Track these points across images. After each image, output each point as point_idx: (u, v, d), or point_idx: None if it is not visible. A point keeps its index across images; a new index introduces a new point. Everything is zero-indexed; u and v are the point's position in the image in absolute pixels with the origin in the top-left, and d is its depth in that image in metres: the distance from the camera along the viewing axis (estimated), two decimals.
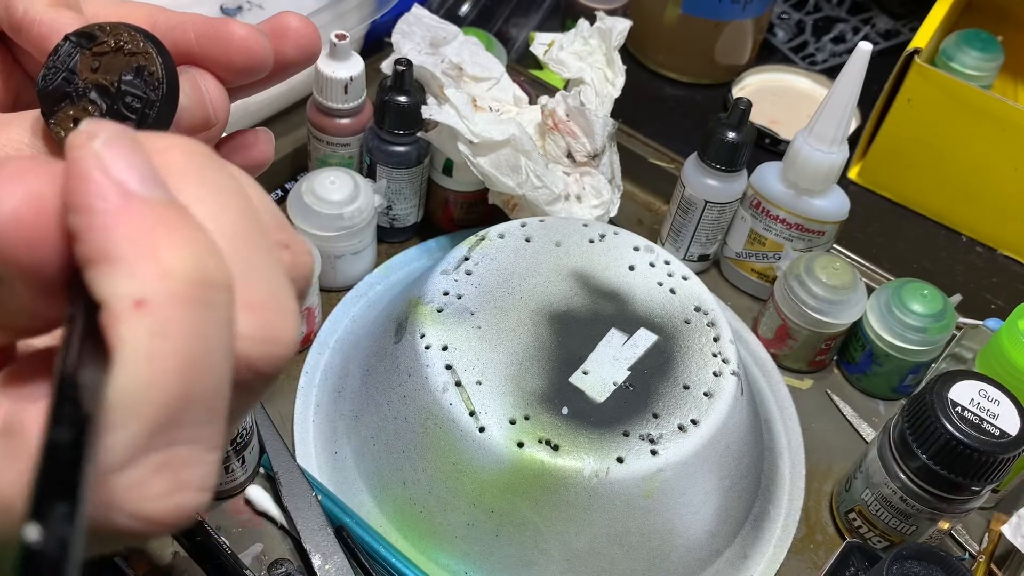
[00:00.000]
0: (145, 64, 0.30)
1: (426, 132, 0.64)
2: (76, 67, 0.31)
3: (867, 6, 1.00)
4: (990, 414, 0.50)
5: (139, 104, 0.30)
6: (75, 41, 0.30)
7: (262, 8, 0.81)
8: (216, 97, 0.33)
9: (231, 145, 0.36)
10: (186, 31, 0.33)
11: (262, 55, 0.33)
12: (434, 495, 0.51)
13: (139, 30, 0.31)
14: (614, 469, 0.48)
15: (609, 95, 0.66)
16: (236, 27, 0.33)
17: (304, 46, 0.36)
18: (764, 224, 0.67)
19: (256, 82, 0.36)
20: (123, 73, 0.30)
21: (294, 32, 0.35)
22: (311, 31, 0.36)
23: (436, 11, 0.86)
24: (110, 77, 0.30)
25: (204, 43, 0.33)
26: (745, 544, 0.56)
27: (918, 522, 0.54)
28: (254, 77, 0.34)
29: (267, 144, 0.37)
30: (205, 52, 0.33)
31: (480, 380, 0.50)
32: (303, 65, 0.36)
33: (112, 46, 0.30)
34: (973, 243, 0.80)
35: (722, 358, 0.54)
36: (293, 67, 0.36)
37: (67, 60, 0.31)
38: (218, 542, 0.52)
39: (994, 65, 0.80)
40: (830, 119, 0.62)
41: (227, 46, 0.33)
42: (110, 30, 0.30)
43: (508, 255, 0.57)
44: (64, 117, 0.30)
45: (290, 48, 0.35)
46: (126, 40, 0.30)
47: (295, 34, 0.35)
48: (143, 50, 0.30)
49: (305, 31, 0.36)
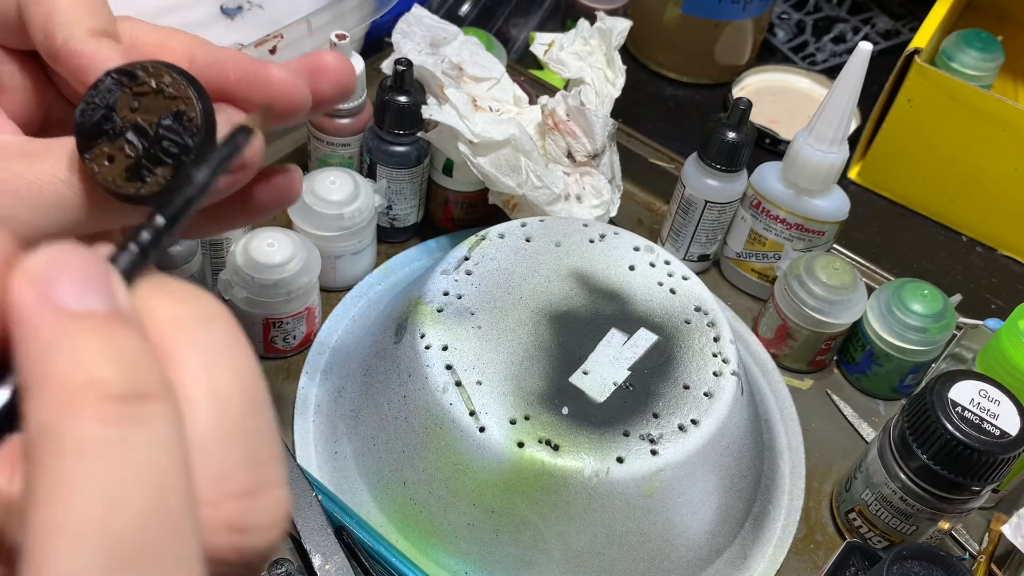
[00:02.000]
0: (185, 110, 0.30)
1: (426, 132, 0.64)
2: (116, 104, 0.30)
3: (867, 6, 1.00)
4: (990, 414, 0.50)
5: (176, 150, 0.30)
6: (116, 78, 0.30)
7: (262, 8, 0.81)
8: (253, 141, 0.33)
9: (264, 184, 0.36)
10: (225, 70, 0.33)
11: (300, 100, 0.34)
12: (434, 495, 0.51)
13: (182, 72, 0.30)
14: (614, 469, 0.48)
15: (609, 95, 0.66)
16: (275, 71, 0.33)
17: (340, 83, 0.36)
18: (764, 224, 0.67)
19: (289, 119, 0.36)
20: (162, 116, 0.30)
21: (331, 70, 0.36)
22: (347, 68, 0.36)
23: (436, 11, 0.86)
24: (149, 118, 0.30)
25: (243, 85, 0.33)
26: (745, 544, 0.56)
27: (918, 522, 0.54)
28: (291, 122, 0.34)
29: (298, 184, 0.37)
30: (244, 94, 0.33)
31: (480, 380, 0.50)
32: (338, 102, 0.37)
33: (153, 87, 0.30)
34: (973, 243, 0.80)
35: (722, 358, 0.54)
36: (328, 104, 0.36)
37: (107, 97, 0.30)
38: None
39: (994, 65, 0.80)
40: (830, 119, 0.62)
41: (266, 90, 0.33)
42: (152, 70, 0.30)
43: (508, 255, 0.57)
44: (99, 154, 0.30)
45: (326, 85, 0.36)
46: (168, 83, 0.30)
47: (332, 71, 0.36)
48: (184, 94, 0.30)
49: (341, 68, 0.36)
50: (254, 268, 0.56)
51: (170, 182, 0.30)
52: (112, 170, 0.30)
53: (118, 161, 0.30)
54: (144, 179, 0.30)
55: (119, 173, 0.30)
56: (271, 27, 0.73)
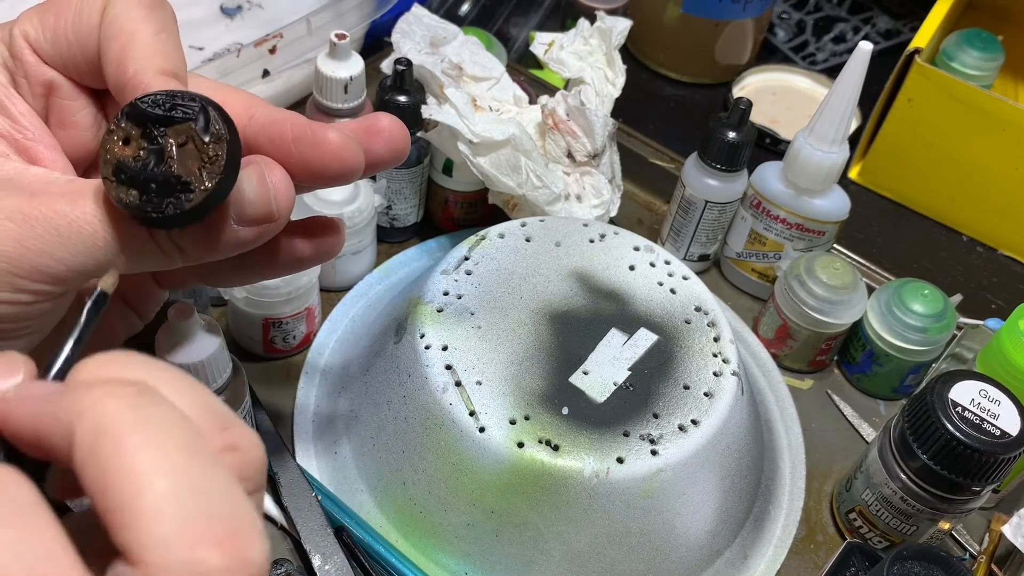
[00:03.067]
0: (214, 152, 0.30)
1: (426, 132, 0.64)
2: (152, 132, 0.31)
3: (867, 6, 1.00)
4: (990, 414, 0.50)
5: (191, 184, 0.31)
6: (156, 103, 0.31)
7: (261, 7, 0.81)
8: (281, 192, 0.33)
9: (303, 235, 0.37)
10: (284, 129, 0.34)
11: (354, 164, 0.34)
12: (434, 495, 0.51)
13: (220, 112, 0.31)
14: (614, 469, 0.48)
15: (609, 95, 0.66)
16: (331, 134, 0.34)
17: (395, 147, 0.37)
18: (764, 224, 0.67)
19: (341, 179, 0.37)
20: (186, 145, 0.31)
21: (387, 132, 0.37)
22: (402, 132, 0.37)
23: (436, 11, 0.86)
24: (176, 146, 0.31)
25: (301, 147, 0.34)
26: (745, 544, 0.56)
27: (918, 522, 0.54)
28: (344, 183, 0.35)
29: (340, 236, 0.38)
30: (301, 155, 0.34)
31: (480, 380, 0.50)
32: (392, 164, 0.37)
33: (190, 119, 0.31)
34: (973, 243, 0.80)
35: (722, 358, 0.54)
36: (382, 165, 0.37)
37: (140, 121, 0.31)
38: None
39: (994, 65, 0.80)
40: (830, 119, 0.62)
41: (322, 153, 0.34)
42: (192, 103, 0.31)
43: (508, 255, 0.57)
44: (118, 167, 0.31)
45: (380, 147, 0.37)
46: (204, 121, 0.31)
47: (387, 134, 0.37)
48: (217, 133, 0.31)
49: (397, 132, 0.37)
50: None
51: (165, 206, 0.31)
52: (120, 188, 0.31)
53: (132, 178, 0.31)
54: (149, 195, 0.30)
55: (123, 186, 0.31)
56: (271, 26, 0.74)
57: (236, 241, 0.34)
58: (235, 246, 0.34)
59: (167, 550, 0.20)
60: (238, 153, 0.31)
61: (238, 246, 0.34)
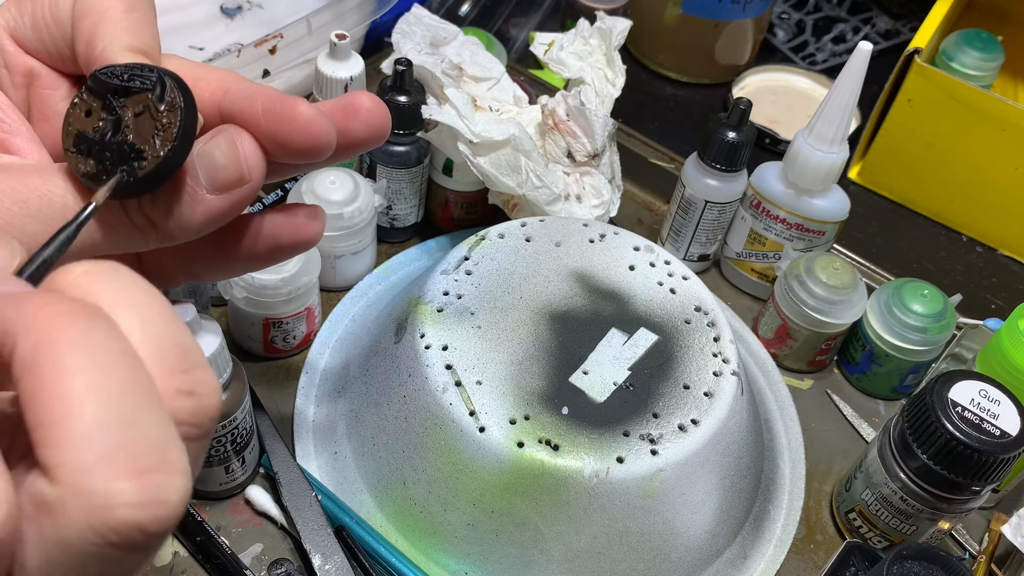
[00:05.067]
0: (168, 121, 0.31)
1: (426, 132, 0.64)
2: (110, 103, 0.31)
3: (867, 6, 1.00)
4: (990, 414, 0.50)
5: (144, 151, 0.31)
6: (112, 75, 0.32)
7: (261, 7, 0.81)
8: (251, 157, 0.33)
9: (282, 219, 0.37)
10: (255, 103, 0.34)
11: (324, 139, 0.34)
12: (434, 495, 0.51)
13: (179, 83, 0.31)
14: (614, 469, 0.48)
15: (609, 95, 0.66)
16: (302, 108, 0.33)
17: (374, 125, 0.36)
18: (764, 224, 0.67)
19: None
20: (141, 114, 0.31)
21: (365, 112, 0.36)
22: (382, 111, 0.36)
23: (436, 11, 0.86)
24: (132, 116, 0.31)
25: (269, 118, 0.34)
26: (745, 544, 0.56)
27: (918, 522, 0.54)
28: (314, 159, 0.35)
29: (319, 223, 0.37)
30: (269, 127, 0.34)
31: (480, 380, 0.50)
32: (371, 144, 0.37)
33: (148, 89, 0.31)
34: (973, 243, 0.80)
35: (722, 358, 0.54)
36: (361, 146, 0.37)
37: (101, 91, 0.32)
38: (218, 542, 0.52)
39: (994, 65, 0.80)
40: (830, 119, 0.62)
41: (290, 125, 0.33)
42: (151, 75, 0.31)
43: (508, 255, 0.57)
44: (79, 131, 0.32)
45: (359, 126, 0.36)
46: (160, 91, 0.31)
47: (366, 113, 0.36)
48: (175, 103, 0.31)
49: (376, 110, 0.36)
50: None
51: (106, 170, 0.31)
52: (79, 158, 0.32)
53: (90, 147, 0.32)
54: (104, 164, 0.31)
55: (82, 156, 0.31)
56: (271, 27, 0.74)
57: (210, 211, 0.34)
58: (210, 218, 0.34)
59: (85, 475, 0.21)
60: (193, 121, 0.32)
61: (213, 217, 0.34)
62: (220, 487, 0.54)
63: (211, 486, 0.54)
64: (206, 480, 0.53)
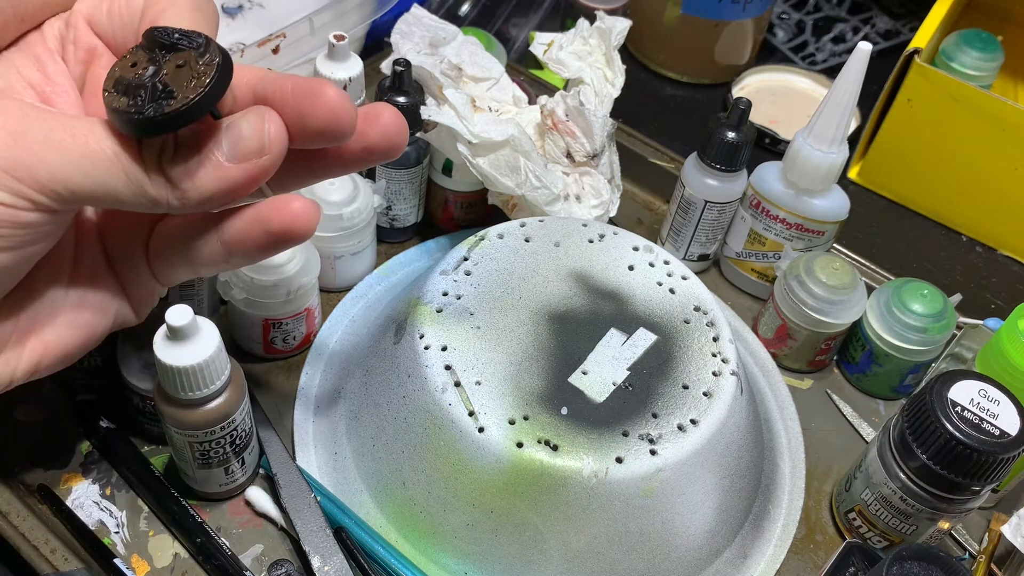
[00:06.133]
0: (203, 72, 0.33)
1: (425, 132, 0.64)
2: (157, 58, 0.34)
3: (867, 6, 1.00)
4: (990, 414, 0.50)
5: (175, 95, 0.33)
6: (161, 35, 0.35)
7: (263, 7, 0.81)
8: (274, 132, 0.36)
9: (276, 207, 0.38)
10: (286, 84, 0.36)
11: (345, 119, 0.36)
12: (434, 495, 0.51)
13: (220, 49, 0.34)
14: (613, 469, 0.48)
15: (609, 95, 0.66)
16: (329, 89, 0.36)
17: (390, 136, 0.38)
18: (764, 224, 0.67)
19: (338, 160, 0.39)
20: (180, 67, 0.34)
21: (384, 121, 0.38)
22: (400, 124, 0.38)
23: (436, 11, 0.86)
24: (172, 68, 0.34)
25: (297, 95, 0.36)
26: (745, 544, 0.56)
27: (918, 522, 0.54)
28: (333, 139, 0.36)
29: (313, 214, 0.38)
30: (296, 102, 0.36)
31: (479, 380, 0.50)
32: (385, 155, 0.39)
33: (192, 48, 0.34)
34: (973, 243, 0.80)
35: (722, 358, 0.54)
36: (375, 154, 0.38)
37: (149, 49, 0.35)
38: (218, 543, 0.52)
39: (994, 65, 0.80)
40: (830, 119, 0.62)
41: (315, 102, 0.35)
42: (199, 38, 0.34)
43: (508, 255, 0.57)
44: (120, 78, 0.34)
45: (376, 134, 0.38)
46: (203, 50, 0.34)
47: (384, 123, 0.38)
48: (212, 61, 0.34)
49: (394, 122, 0.38)
50: (254, 269, 0.56)
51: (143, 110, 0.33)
52: (114, 96, 0.34)
53: (127, 88, 0.34)
54: (135, 100, 0.33)
55: (117, 95, 0.34)
56: (272, 26, 0.74)
57: (225, 179, 0.35)
58: (224, 185, 0.36)
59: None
60: (227, 77, 0.34)
61: (226, 186, 0.36)
62: (220, 488, 0.54)
63: (211, 487, 0.54)
64: (206, 481, 0.53)
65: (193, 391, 0.47)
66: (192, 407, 0.48)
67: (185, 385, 0.46)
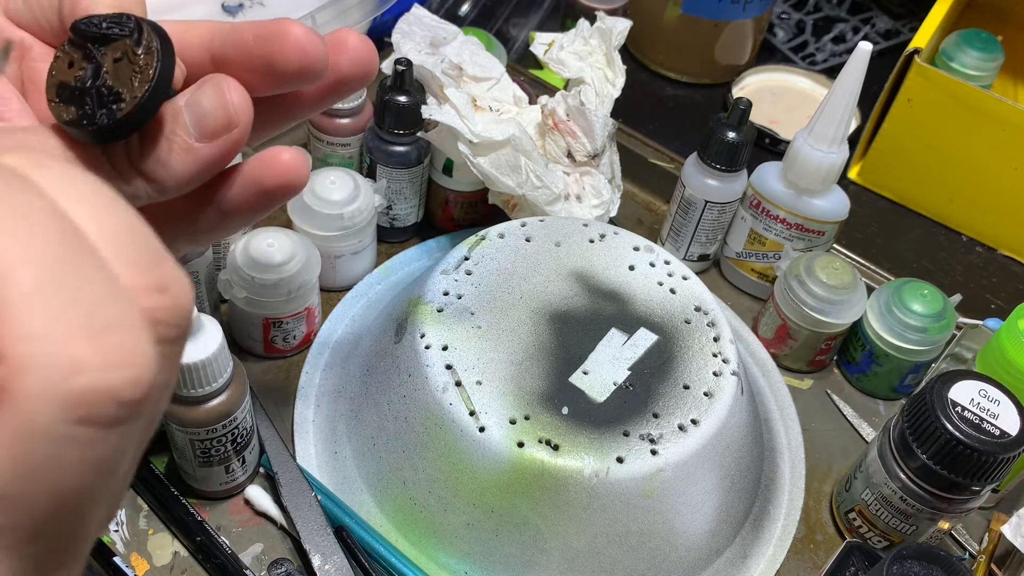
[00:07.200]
0: (144, 64, 0.31)
1: (426, 132, 0.64)
2: (92, 51, 0.32)
3: (867, 6, 1.00)
4: (990, 414, 0.50)
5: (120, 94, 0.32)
6: (92, 24, 0.32)
7: (263, 5, 0.81)
8: (238, 101, 0.33)
9: (264, 162, 0.36)
10: (244, 32, 0.34)
11: (316, 56, 0.34)
12: (434, 495, 0.51)
13: (158, 31, 0.32)
14: (614, 469, 0.48)
15: (609, 95, 0.66)
16: (293, 26, 0.33)
17: (361, 61, 0.36)
18: (764, 224, 0.67)
19: (312, 97, 0.36)
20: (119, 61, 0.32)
21: (352, 48, 0.36)
22: (368, 48, 0.36)
23: (436, 11, 0.86)
24: (110, 63, 0.32)
25: (261, 42, 0.33)
26: (745, 544, 0.56)
27: (918, 522, 0.54)
28: (309, 80, 0.34)
29: (303, 163, 0.36)
30: (261, 49, 0.34)
31: (480, 380, 0.50)
32: (358, 82, 0.36)
33: (127, 36, 0.32)
34: (973, 243, 0.80)
35: (722, 358, 0.54)
36: (348, 83, 0.36)
37: (84, 38, 0.32)
38: (218, 542, 0.52)
39: (994, 65, 0.80)
40: (830, 119, 0.62)
41: (283, 43, 0.33)
42: (132, 23, 0.32)
43: (508, 255, 0.57)
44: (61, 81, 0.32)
45: (346, 62, 0.36)
46: (138, 37, 0.31)
47: (353, 50, 0.36)
48: (151, 47, 0.31)
49: (362, 46, 0.36)
50: (254, 268, 0.56)
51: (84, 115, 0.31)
52: (61, 107, 0.32)
53: (71, 95, 0.32)
54: (84, 110, 0.32)
55: (64, 104, 0.32)
56: None
57: (200, 159, 0.34)
58: (201, 166, 0.34)
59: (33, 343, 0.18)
60: (170, 62, 0.32)
61: (204, 166, 0.34)
62: (220, 487, 0.54)
63: (211, 486, 0.54)
64: (206, 480, 0.53)
65: (196, 388, 0.47)
66: (194, 404, 0.48)
67: (188, 382, 0.46)
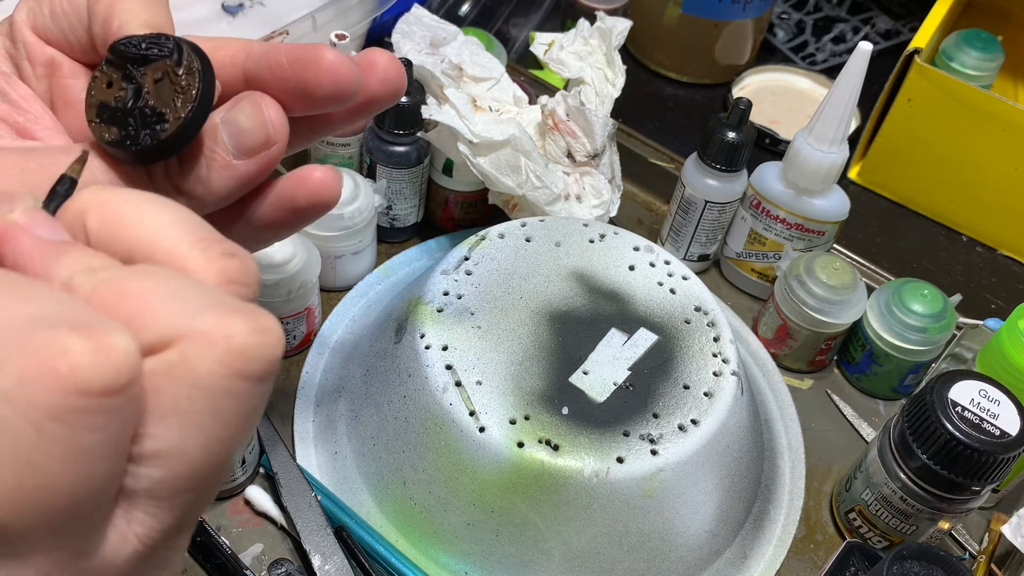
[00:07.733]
0: (187, 85, 0.32)
1: (426, 132, 0.64)
2: (131, 72, 0.32)
3: (867, 6, 1.00)
4: (990, 414, 0.50)
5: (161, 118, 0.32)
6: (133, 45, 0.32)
7: (263, 5, 0.81)
8: (276, 118, 0.34)
9: (298, 181, 0.37)
10: (279, 54, 0.34)
11: (350, 80, 0.34)
12: (434, 495, 0.51)
13: (196, 50, 0.32)
14: (614, 469, 0.48)
15: (609, 95, 0.66)
16: (326, 52, 0.34)
17: (390, 81, 0.36)
18: (764, 224, 0.67)
19: (341, 116, 0.37)
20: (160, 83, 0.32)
21: (381, 68, 0.36)
22: (397, 69, 0.37)
23: (436, 11, 0.86)
24: (150, 83, 0.32)
25: (295, 66, 0.34)
26: (745, 544, 0.56)
27: (918, 522, 0.54)
28: (341, 103, 0.35)
29: (336, 182, 0.37)
30: (296, 74, 0.34)
31: (480, 380, 0.50)
32: (387, 102, 0.37)
33: (167, 57, 0.32)
34: (973, 243, 0.80)
35: (722, 358, 0.54)
36: (377, 103, 0.37)
37: (123, 60, 0.32)
38: (218, 542, 0.52)
39: (994, 65, 0.80)
40: (830, 119, 0.62)
41: (316, 68, 0.34)
42: (172, 45, 0.32)
43: (508, 255, 0.57)
44: (101, 104, 0.32)
45: (376, 83, 0.36)
46: (178, 58, 0.32)
47: (381, 70, 0.36)
48: (192, 69, 0.32)
49: (391, 67, 0.36)
50: None
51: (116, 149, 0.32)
52: (102, 127, 0.32)
53: (113, 116, 0.32)
54: (127, 130, 0.32)
55: (105, 125, 0.32)
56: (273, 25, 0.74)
57: (239, 176, 0.34)
58: (239, 183, 0.35)
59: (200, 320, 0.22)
60: (211, 82, 0.32)
61: (242, 182, 0.35)
62: (220, 487, 0.54)
63: None
64: None
65: None
66: None
67: None
